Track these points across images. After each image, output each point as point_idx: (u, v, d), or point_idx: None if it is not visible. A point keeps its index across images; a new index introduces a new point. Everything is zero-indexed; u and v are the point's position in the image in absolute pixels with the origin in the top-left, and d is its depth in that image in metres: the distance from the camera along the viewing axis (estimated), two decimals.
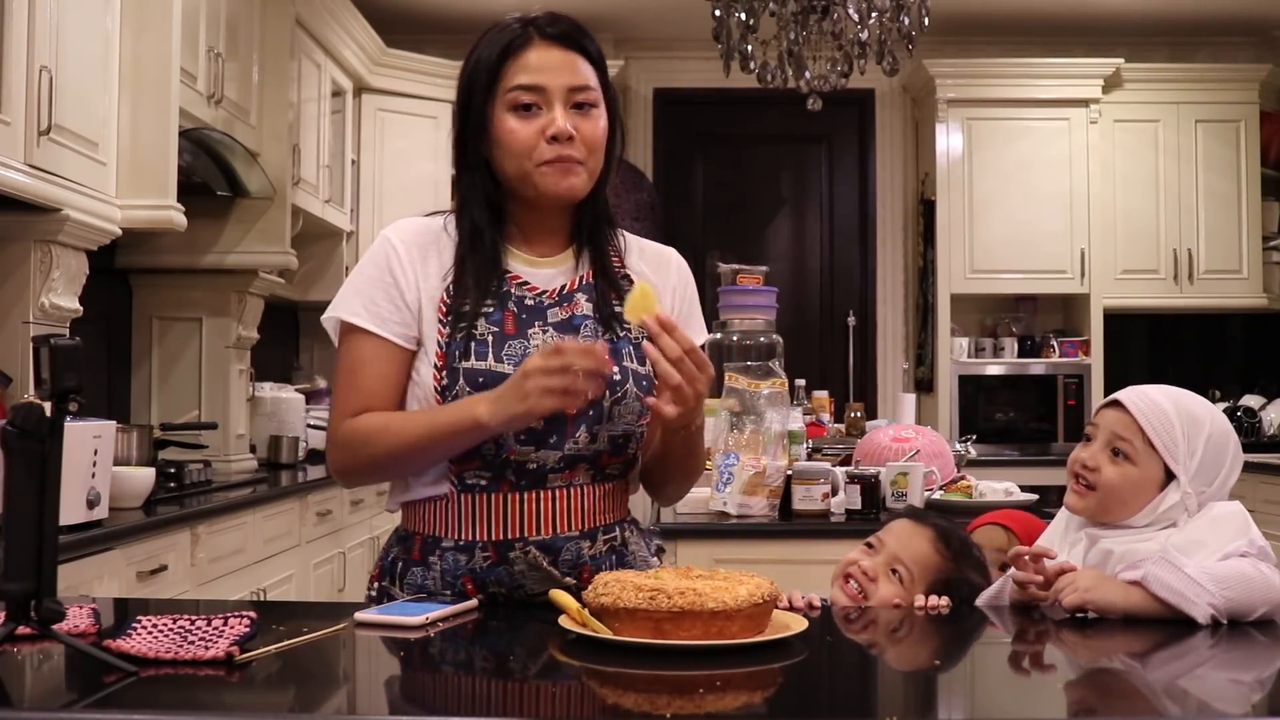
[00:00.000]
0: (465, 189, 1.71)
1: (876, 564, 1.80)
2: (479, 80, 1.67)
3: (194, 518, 3.18)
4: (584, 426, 1.65)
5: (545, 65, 1.65)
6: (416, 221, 1.75)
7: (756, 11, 4.01)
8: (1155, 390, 1.72)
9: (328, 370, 5.88)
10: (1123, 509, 1.69)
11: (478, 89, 1.67)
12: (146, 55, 3.34)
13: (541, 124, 1.64)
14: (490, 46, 1.68)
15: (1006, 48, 6.17)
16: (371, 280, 1.69)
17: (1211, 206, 5.91)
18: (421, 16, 5.90)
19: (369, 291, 1.69)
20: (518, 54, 1.66)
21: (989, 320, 6.14)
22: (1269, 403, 5.87)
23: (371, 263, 1.71)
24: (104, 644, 1.29)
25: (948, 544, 1.82)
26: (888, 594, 1.77)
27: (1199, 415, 1.68)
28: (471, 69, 1.69)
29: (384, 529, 5.08)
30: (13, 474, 1.26)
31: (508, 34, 1.67)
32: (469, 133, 1.69)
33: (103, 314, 3.90)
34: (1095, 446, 1.71)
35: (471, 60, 1.69)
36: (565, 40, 1.67)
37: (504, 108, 1.66)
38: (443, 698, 1.34)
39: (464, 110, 1.69)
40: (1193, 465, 1.66)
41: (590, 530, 1.69)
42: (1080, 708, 1.29)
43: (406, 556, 1.71)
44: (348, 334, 1.69)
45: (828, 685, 1.40)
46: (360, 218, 5.59)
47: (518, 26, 1.68)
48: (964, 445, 3.86)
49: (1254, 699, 1.26)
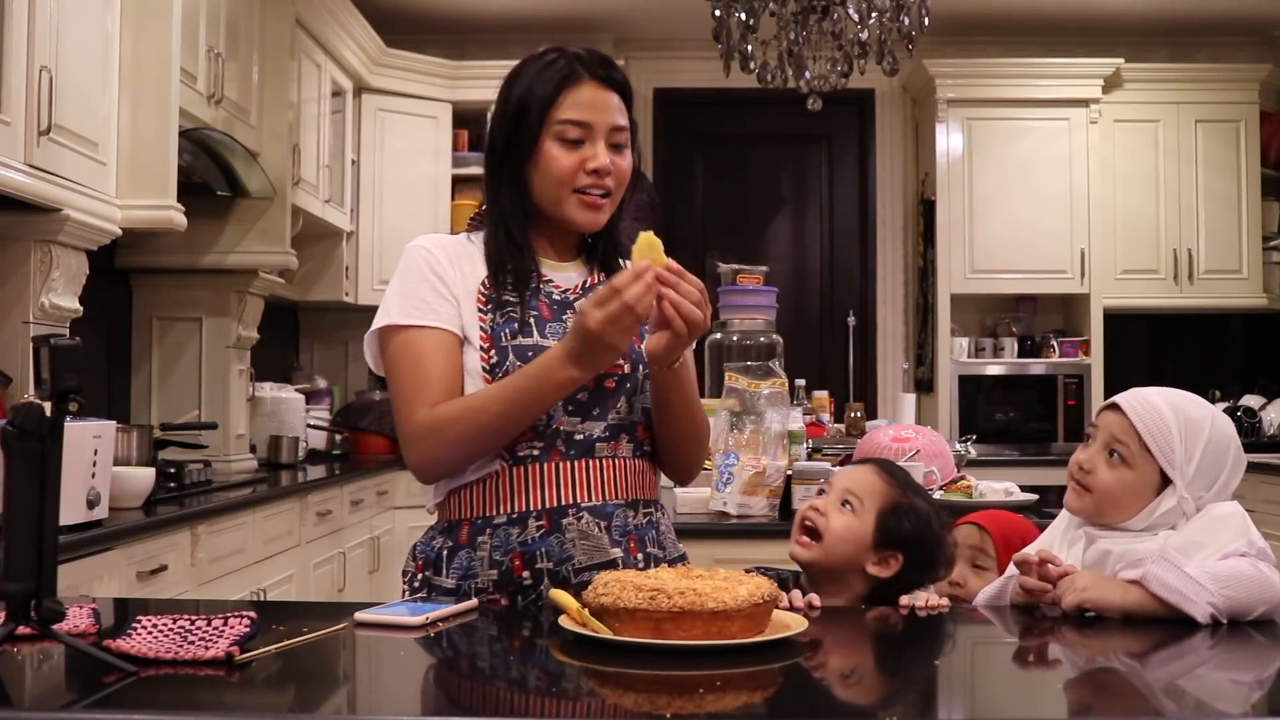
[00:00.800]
0: (503, 202, 1.83)
1: (827, 502, 1.86)
2: (531, 108, 1.79)
3: (194, 518, 3.18)
4: (623, 398, 1.80)
5: (594, 104, 1.79)
6: (441, 235, 1.89)
7: (756, 11, 4.01)
8: (1156, 394, 1.72)
9: (328, 370, 5.89)
10: (1118, 512, 1.69)
11: (530, 116, 1.79)
12: (146, 55, 3.34)
13: (583, 156, 1.79)
14: (544, 79, 1.79)
15: (1006, 48, 6.17)
16: (416, 283, 1.80)
17: (1211, 206, 5.91)
18: (421, 16, 5.91)
19: (417, 293, 1.79)
20: (571, 89, 1.79)
21: (989, 320, 6.14)
22: (1269, 403, 5.87)
23: (412, 269, 1.81)
24: (104, 644, 1.29)
25: (892, 474, 1.90)
26: (840, 525, 1.82)
27: (1198, 420, 1.68)
28: (523, 95, 1.80)
29: (384, 529, 5.09)
30: (13, 474, 1.26)
31: (560, 68, 1.80)
32: (513, 153, 1.81)
33: (103, 314, 3.90)
34: (1093, 448, 1.72)
35: (520, 87, 1.81)
36: (610, 82, 1.82)
37: (551, 136, 1.79)
38: (442, 698, 1.34)
39: (510, 132, 1.81)
40: (1190, 471, 1.66)
41: (633, 501, 1.81)
42: (1080, 707, 1.29)
43: (453, 543, 1.78)
44: (402, 336, 1.78)
45: (828, 685, 1.40)
46: (360, 218, 5.59)
47: (570, 64, 1.80)
48: (964, 445, 3.86)
49: (1253, 699, 1.26)
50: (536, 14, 5.91)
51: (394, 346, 1.78)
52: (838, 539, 1.82)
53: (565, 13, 5.92)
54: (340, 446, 5.42)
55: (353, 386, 5.99)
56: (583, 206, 1.80)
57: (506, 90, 1.83)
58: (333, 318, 5.92)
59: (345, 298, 5.43)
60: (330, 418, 5.47)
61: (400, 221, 5.69)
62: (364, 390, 5.91)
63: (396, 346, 1.78)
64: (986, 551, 2.02)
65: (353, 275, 5.53)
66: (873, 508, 1.83)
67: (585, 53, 1.82)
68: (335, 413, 5.55)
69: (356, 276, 5.57)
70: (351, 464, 5.09)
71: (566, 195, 1.79)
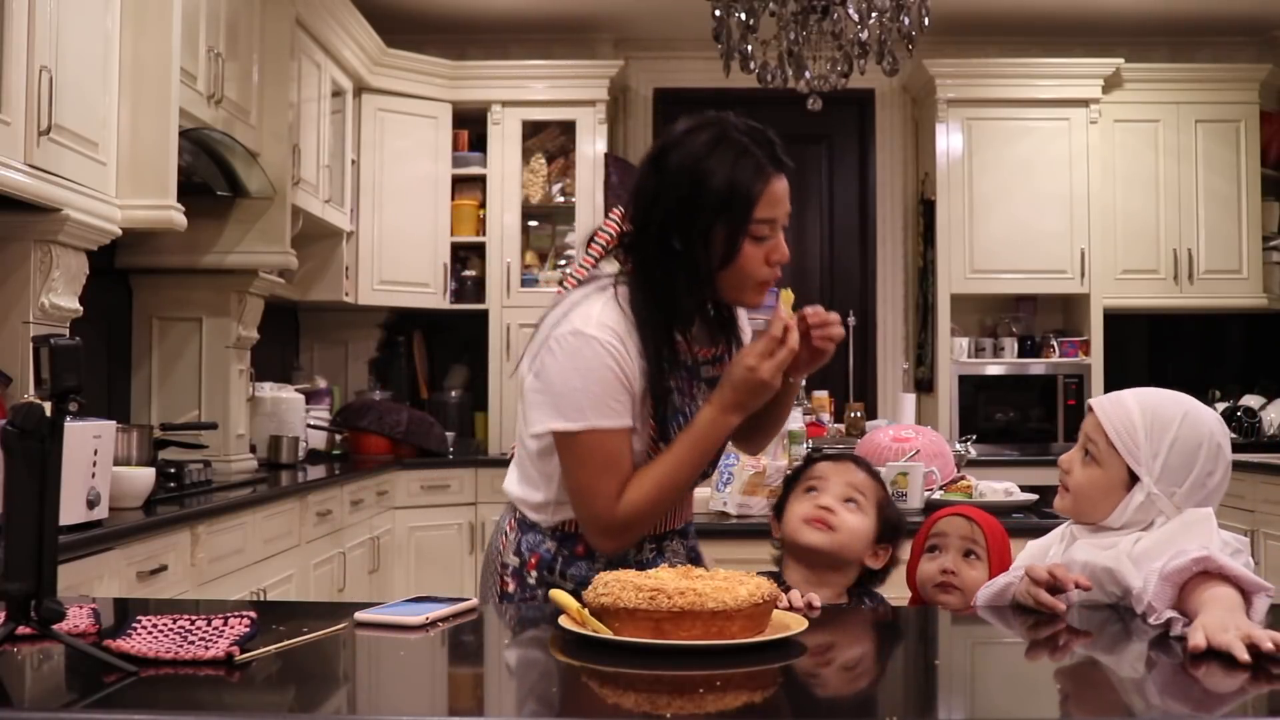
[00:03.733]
0: (676, 284, 1.82)
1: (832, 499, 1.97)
2: (735, 209, 1.78)
3: (194, 518, 3.18)
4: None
5: (782, 198, 1.82)
6: (607, 311, 1.83)
7: (756, 11, 4.01)
8: (1131, 393, 1.75)
9: (328, 370, 5.89)
10: (1094, 510, 1.72)
11: (731, 215, 1.78)
12: (146, 55, 3.34)
13: (768, 250, 1.82)
14: (743, 176, 1.79)
15: (1006, 48, 6.17)
16: (608, 384, 1.80)
17: (1211, 206, 5.90)
18: (421, 16, 5.90)
19: (611, 393, 1.80)
20: (767, 187, 1.80)
21: (989, 320, 6.14)
22: (1269, 403, 5.87)
23: (602, 366, 1.79)
24: (104, 644, 1.29)
25: (871, 470, 2.05)
26: (855, 523, 1.95)
27: (1166, 418, 1.69)
28: (721, 192, 1.78)
29: (384, 529, 5.09)
30: (13, 474, 1.26)
31: (755, 164, 1.80)
32: (692, 238, 1.79)
33: (103, 314, 3.90)
34: (1074, 449, 1.76)
35: (716, 179, 1.78)
36: (787, 169, 1.84)
37: (748, 236, 1.80)
38: (443, 698, 1.34)
39: (698, 221, 1.79)
40: (1156, 467, 1.67)
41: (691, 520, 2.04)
42: (1079, 707, 1.29)
43: (568, 552, 1.89)
44: (597, 436, 1.80)
45: (828, 685, 1.40)
46: (360, 218, 5.59)
47: (763, 161, 1.80)
48: (964, 445, 3.86)
49: (1253, 699, 1.26)
50: (536, 14, 5.91)
51: (587, 442, 1.80)
52: (854, 535, 1.95)
53: (565, 13, 5.91)
54: (340, 446, 5.42)
55: (353, 386, 5.99)
56: (759, 293, 1.87)
57: (690, 174, 1.80)
58: (333, 318, 5.92)
59: (345, 298, 5.43)
60: (330, 418, 5.47)
61: (400, 221, 5.70)
62: (364, 390, 5.91)
63: (590, 442, 1.80)
64: (978, 541, 2.05)
65: (353, 275, 5.53)
66: (873, 505, 1.98)
67: (766, 138, 1.82)
68: (335, 413, 5.55)
69: (356, 276, 5.57)
70: (351, 464, 5.09)
71: (750, 286, 1.85)
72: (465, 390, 6.03)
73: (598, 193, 5.85)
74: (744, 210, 1.78)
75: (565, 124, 5.97)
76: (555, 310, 1.85)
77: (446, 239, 5.84)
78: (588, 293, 1.85)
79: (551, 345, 1.81)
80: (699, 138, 1.81)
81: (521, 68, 5.93)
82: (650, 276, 1.83)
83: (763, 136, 1.82)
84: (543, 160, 5.99)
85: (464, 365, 6.09)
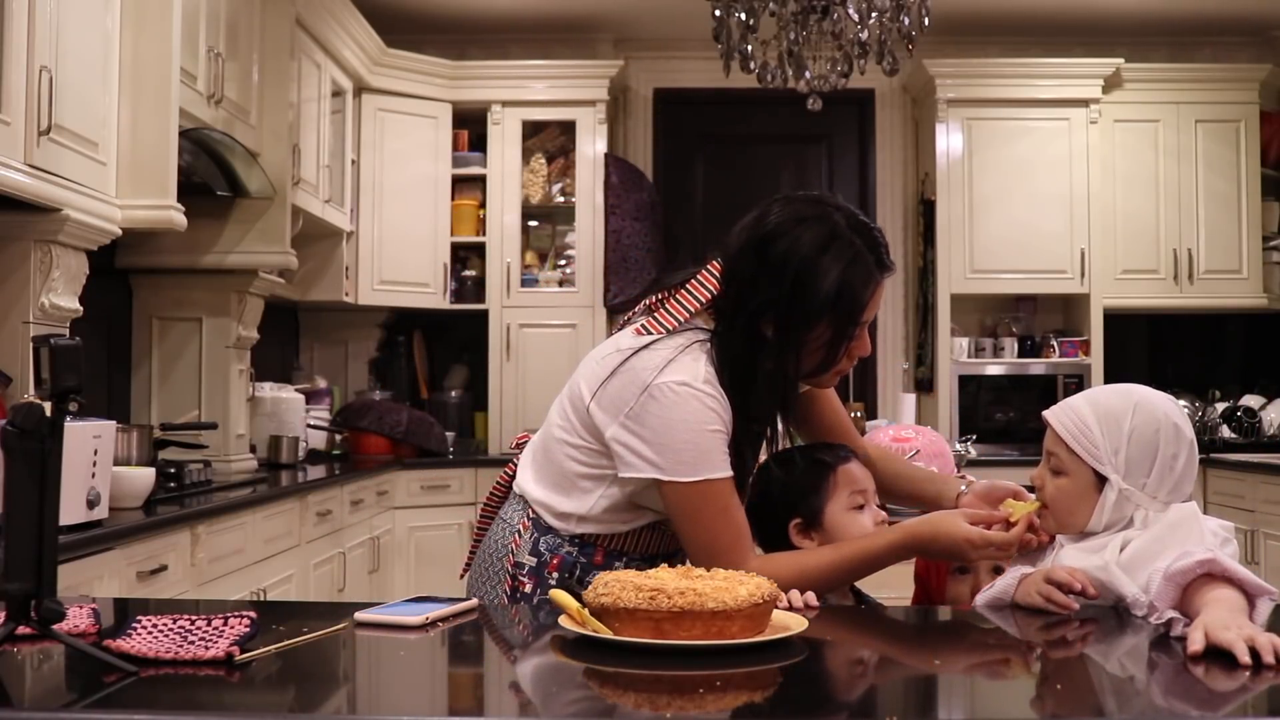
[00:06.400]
0: (758, 370, 1.85)
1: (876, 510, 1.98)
2: (842, 311, 1.81)
3: (194, 518, 3.18)
4: None
5: (881, 298, 1.88)
6: (702, 370, 1.83)
7: (756, 11, 4.01)
8: (1079, 396, 1.76)
9: (328, 370, 5.89)
10: (1072, 519, 1.72)
11: (839, 317, 1.81)
12: (146, 55, 3.33)
13: (853, 345, 1.86)
14: (858, 279, 1.81)
15: (1006, 48, 6.17)
16: (716, 435, 1.81)
17: (1211, 206, 5.90)
18: (421, 16, 5.90)
19: (718, 444, 1.81)
20: (877, 292, 1.84)
21: (989, 320, 6.14)
22: (1269, 403, 5.86)
23: (708, 416, 1.80)
24: (104, 644, 1.29)
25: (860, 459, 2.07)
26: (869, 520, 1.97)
27: (1119, 411, 1.69)
28: (834, 292, 1.80)
29: (384, 529, 5.09)
30: (13, 474, 1.26)
31: (869, 267, 1.82)
32: (789, 331, 1.82)
33: (103, 314, 3.90)
34: (1040, 466, 1.77)
35: (828, 279, 1.79)
36: (893, 271, 1.89)
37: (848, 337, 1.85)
38: (443, 698, 1.34)
39: (788, 308, 1.81)
40: (1120, 462, 1.67)
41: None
42: (1080, 707, 1.29)
43: (586, 560, 1.91)
44: (713, 486, 1.81)
45: (828, 685, 1.40)
46: (360, 218, 5.59)
47: (875, 264, 1.83)
48: (964, 445, 3.87)
49: (1253, 698, 1.26)
50: (536, 14, 5.91)
51: (705, 492, 1.80)
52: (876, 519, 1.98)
53: (565, 13, 5.91)
54: (340, 446, 5.42)
55: (352, 386, 5.99)
56: (833, 381, 1.94)
57: (798, 271, 1.80)
58: (333, 318, 5.93)
59: (345, 298, 5.43)
60: (330, 418, 5.47)
61: (400, 221, 5.70)
62: (364, 390, 5.92)
63: (707, 493, 1.80)
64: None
65: (353, 275, 5.53)
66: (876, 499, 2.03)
67: (874, 239, 1.84)
68: (335, 413, 5.55)
69: (356, 276, 5.57)
70: (351, 464, 5.09)
71: (829, 376, 1.90)
72: (465, 390, 6.04)
73: (598, 193, 5.86)
74: (852, 314, 1.81)
75: (565, 124, 5.97)
76: (646, 355, 1.82)
77: (446, 239, 5.84)
78: (684, 345, 1.83)
79: (655, 394, 1.79)
80: (808, 233, 1.81)
81: (521, 68, 5.93)
82: (733, 355, 1.84)
83: (870, 237, 1.84)
84: (543, 160, 5.99)
85: (464, 365, 6.09)
